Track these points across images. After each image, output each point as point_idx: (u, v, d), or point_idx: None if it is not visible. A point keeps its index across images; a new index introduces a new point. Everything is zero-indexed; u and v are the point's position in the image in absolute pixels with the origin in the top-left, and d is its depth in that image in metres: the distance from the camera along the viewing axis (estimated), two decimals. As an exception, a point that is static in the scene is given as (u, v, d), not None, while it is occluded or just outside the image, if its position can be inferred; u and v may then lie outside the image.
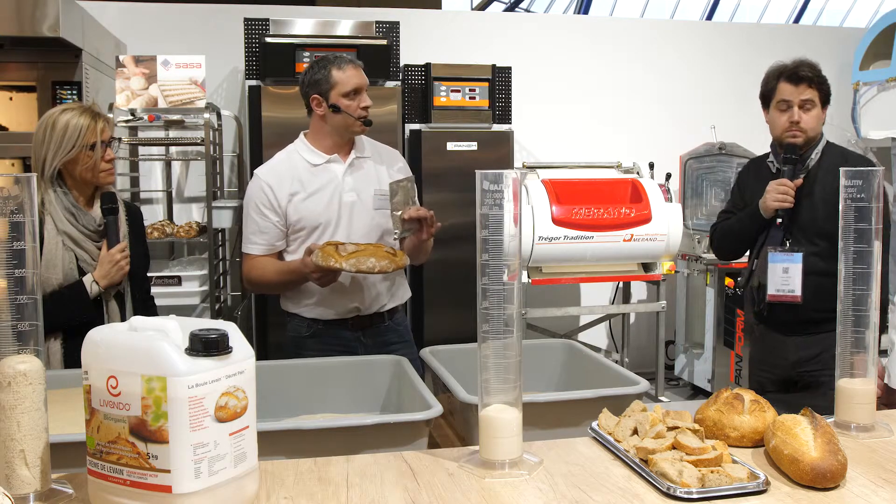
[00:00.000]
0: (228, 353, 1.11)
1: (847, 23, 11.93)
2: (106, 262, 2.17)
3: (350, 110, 2.34)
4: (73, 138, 2.11)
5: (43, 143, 2.12)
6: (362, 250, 2.17)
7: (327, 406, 1.83)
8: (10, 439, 1.15)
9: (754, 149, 5.11)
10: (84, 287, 2.15)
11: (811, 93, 2.42)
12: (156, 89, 3.90)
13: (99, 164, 2.16)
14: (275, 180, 2.36)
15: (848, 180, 1.48)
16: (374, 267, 2.15)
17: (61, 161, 2.12)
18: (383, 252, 2.18)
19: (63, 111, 2.14)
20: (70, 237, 2.15)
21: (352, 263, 2.14)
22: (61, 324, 2.11)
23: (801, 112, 2.43)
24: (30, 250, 1.17)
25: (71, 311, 2.13)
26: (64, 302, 2.12)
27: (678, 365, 5.14)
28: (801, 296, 2.38)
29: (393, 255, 2.20)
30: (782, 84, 2.45)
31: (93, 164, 2.15)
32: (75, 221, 2.16)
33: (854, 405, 1.47)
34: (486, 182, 1.26)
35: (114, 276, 2.18)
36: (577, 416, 1.55)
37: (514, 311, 1.28)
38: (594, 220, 4.10)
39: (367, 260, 2.15)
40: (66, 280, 2.14)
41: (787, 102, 2.44)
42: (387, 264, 2.16)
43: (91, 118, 2.14)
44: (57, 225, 2.13)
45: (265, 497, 1.21)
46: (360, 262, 2.14)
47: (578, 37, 5.18)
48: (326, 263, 2.14)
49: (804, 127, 2.43)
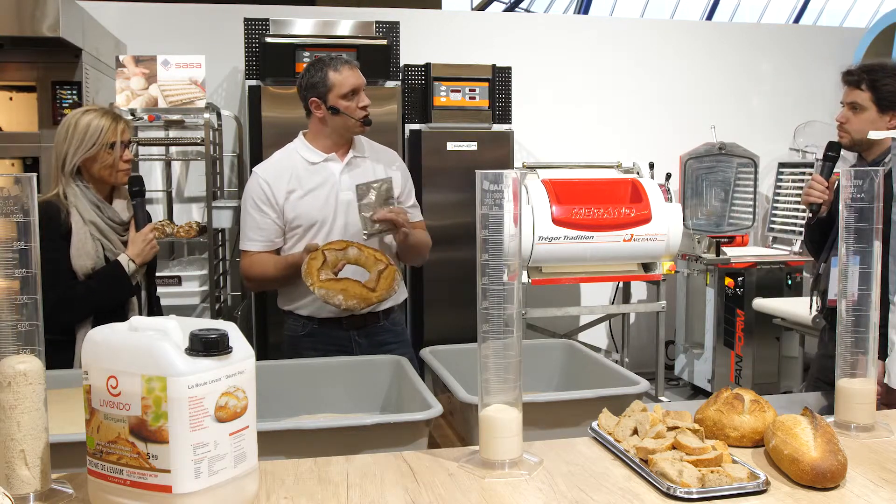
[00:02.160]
0: (228, 353, 1.11)
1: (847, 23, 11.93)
2: (139, 241, 2.29)
3: (349, 111, 2.35)
4: (95, 136, 2.22)
5: (65, 140, 2.24)
6: (337, 281, 2.19)
7: (327, 406, 1.83)
8: (10, 439, 1.15)
9: (754, 149, 5.13)
10: (122, 266, 2.26)
11: (859, 95, 2.41)
12: (156, 89, 3.90)
13: (118, 164, 2.27)
14: (273, 177, 2.38)
15: (848, 180, 1.48)
16: (340, 304, 2.19)
17: (81, 157, 2.22)
18: (357, 290, 2.20)
19: (85, 112, 2.26)
20: (97, 227, 2.25)
21: (321, 293, 2.18)
22: (104, 301, 2.23)
23: (849, 113, 2.43)
24: (30, 250, 1.17)
25: (115, 289, 2.26)
26: (108, 280, 2.24)
27: (678, 365, 5.14)
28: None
29: (370, 291, 2.21)
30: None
31: (112, 163, 2.26)
32: (101, 213, 2.27)
33: (854, 405, 1.47)
34: (486, 182, 1.26)
35: (147, 253, 2.31)
36: (577, 416, 1.55)
37: (514, 311, 1.28)
38: (594, 220, 4.10)
39: (336, 296, 2.18)
40: (97, 267, 2.24)
41: (842, 103, 2.47)
42: (355, 304, 2.20)
43: (112, 119, 2.26)
44: (83, 216, 2.23)
45: (265, 497, 1.21)
46: (328, 296, 2.18)
47: (578, 37, 5.19)
48: (304, 279, 2.20)
49: (848, 128, 2.43)
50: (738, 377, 4.68)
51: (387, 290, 2.23)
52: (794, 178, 5.19)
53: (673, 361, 5.18)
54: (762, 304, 4.45)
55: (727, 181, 5.16)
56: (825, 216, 2.47)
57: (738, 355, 4.68)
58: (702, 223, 5.13)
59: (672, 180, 4.72)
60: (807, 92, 5.48)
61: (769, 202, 5.37)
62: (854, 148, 2.47)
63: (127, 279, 2.27)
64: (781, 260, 4.77)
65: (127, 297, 2.30)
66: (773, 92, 5.48)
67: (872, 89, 2.40)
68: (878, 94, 2.40)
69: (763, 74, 5.47)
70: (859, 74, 2.41)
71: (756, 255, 4.84)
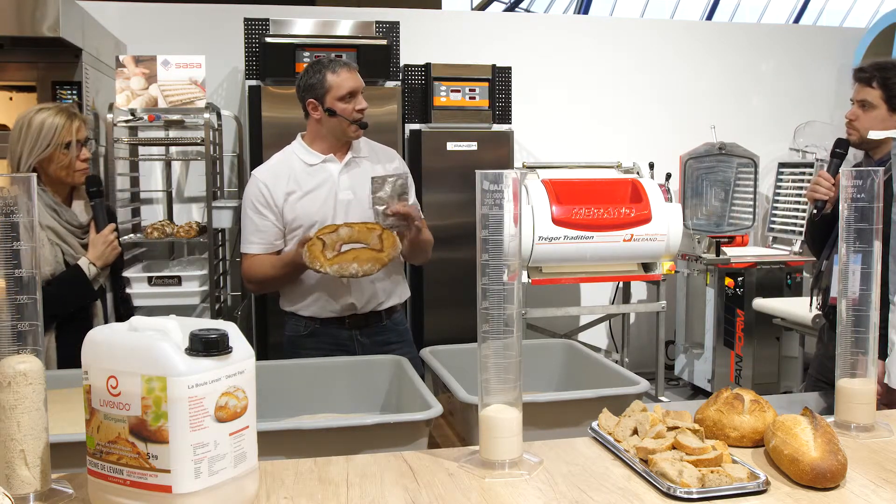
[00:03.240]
0: (228, 353, 1.11)
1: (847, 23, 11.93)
2: (99, 243, 2.22)
3: (345, 114, 2.34)
4: (49, 136, 2.14)
5: (18, 141, 2.16)
6: (345, 254, 2.17)
7: (327, 406, 1.83)
8: (10, 439, 1.15)
9: (754, 149, 5.12)
10: (82, 270, 2.19)
11: (869, 93, 2.40)
12: (156, 89, 3.89)
13: (74, 164, 2.19)
14: (271, 179, 2.38)
15: (848, 180, 1.48)
16: (357, 272, 2.16)
17: (36, 159, 2.15)
18: (367, 254, 2.18)
19: (39, 110, 2.16)
20: (54, 232, 2.18)
21: (335, 269, 2.15)
22: (64, 307, 2.16)
23: (858, 111, 2.42)
24: (29, 250, 1.17)
25: (73, 295, 2.18)
26: (65, 286, 2.17)
27: (678, 365, 5.14)
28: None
29: (378, 252, 2.18)
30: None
31: (67, 163, 2.18)
32: (58, 217, 2.20)
33: (854, 405, 1.47)
34: (486, 182, 1.26)
35: (108, 255, 2.23)
36: (577, 416, 1.55)
37: (514, 311, 1.28)
38: (594, 220, 4.10)
39: (350, 265, 2.15)
40: (57, 273, 2.17)
41: (852, 100, 2.46)
42: (370, 266, 2.17)
43: (66, 117, 2.17)
44: (40, 221, 2.15)
45: (265, 497, 1.21)
46: (342, 268, 2.15)
47: (578, 37, 5.19)
48: (312, 266, 2.17)
49: (857, 126, 2.43)
50: (738, 377, 4.68)
51: (393, 247, 2.21)
52: (794, 178, 5.19)
53: (673, 361, 5.18)
54: (762, 304, 4.45)
55: (727, 181, 5.16)
56: (829, 213, 2.47)
57: (738, 355, 4.68)
58: (702, 223, 5.13)
59: (672, 180, 4.72)
60: (807, 92, 5.48)
61: (769, 202, 5.37)
62: (862, 146, 2.46)
63: (88, 283, 2.20)
64: (781, 260, 4.77)
65: (89, 301, 2.24)
66: (773, 92, 5.48)
67: (884, 87, 2.39)
68: (890, 93, 2.39)
69: (763, 74, 5.47)
70: (871, 72, 2.40)
71: (756, 255, 4.84)
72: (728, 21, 11.02)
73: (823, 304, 2.53)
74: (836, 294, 1.88)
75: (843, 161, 2.46)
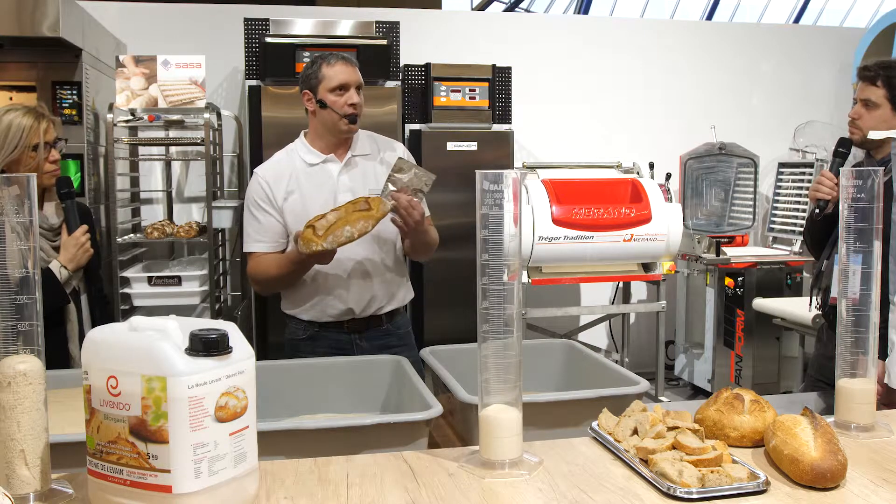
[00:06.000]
0: (228, 353, 1.11)
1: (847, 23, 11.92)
2: (71, 246, 2.19)
3: (336, 106, 2.31)
4: (17, 138, 2.11)
5: None
6: (334, 223, 2.12)
7: (327, 406, 1.83)
8: (10, 439, 1.15)
9: (754, 149, 5.13)
10: (53, 273, 2.16)
11: (874, 92, 2.39)
12: (156, 89, 3.90)
13: (43, 165, 2.15)
14: (273, 178, 2.37)
15: (848, 180, 1.48)
16: (352, 235, 2.11)
17: (4, 161, 2.11)
18: (357, 215, 2.13)
19: (6, 111, 2.13)
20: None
21: (330, 241, 2.10)
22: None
23: (862, 110, 2.42)
24: (29, 250, 1.17)
25: (45, 299, 2.13)
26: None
27: (678, 365, 5.14)
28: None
29: (367, 210, 2.13)
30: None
31: (36, 165, 2.14)
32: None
33: (854, 405, 1.47)
34: (486, 182, 1.26)
35: (80, 258, 2.20)
36: (577, 416, 1.55)
37: (514, 311, 1.28)
38: (594, 220, 4.10)
39: (343, 230, 2.11)
40: None
41: (856, 98, 2.45)
42: (363, 224, 2.12)
43: (34, 118, 2.13)
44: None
45: (265, 497, 1.21)
46: (337, 237, 2.11)
47: (578, 37, 5.19)
48: (309, 250, 2.12)
49: (860, 125, 2.42)
50: (738, 377, 4.68)
51: (380, 205, 2.15)
52: (794, 179, 5.19)
53: (673, 361, 5.18)
54: (762, 304, 4.45)
55: (727, 181, 5.16)
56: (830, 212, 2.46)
57: (738, 355, 4.68)
58: (702, 223, 5.13)
59: (672, 180, 4.72)
60: (807, 92, 5.48)
61: (769, 202, 5.37)
62: (864, 145, 2.46)
63: (59, 287, 2.16)
64: (781, 260, 4.77)
65: (61, 304, 2.19)
66: (773, 92, 5.48)
67: (888, 86, 2.38)
68: (894, 92, 2.38)
69: (763, 74, 5.47)
70: (876, 70, 2.39)
71: (756, 255, 4.84)
72: (728, 21, 11.01)
73: (823, 304, 2.53)
74: (836, 294, 1.89)
75: (846, 160, 2.46)
